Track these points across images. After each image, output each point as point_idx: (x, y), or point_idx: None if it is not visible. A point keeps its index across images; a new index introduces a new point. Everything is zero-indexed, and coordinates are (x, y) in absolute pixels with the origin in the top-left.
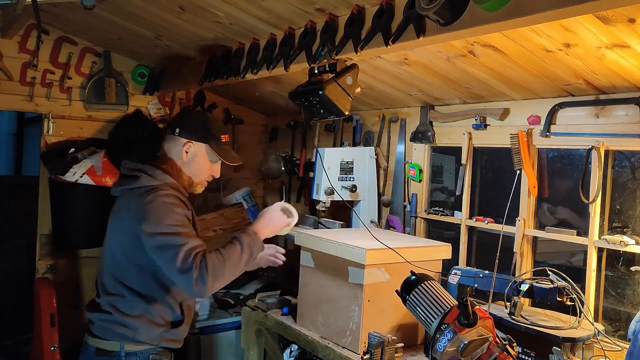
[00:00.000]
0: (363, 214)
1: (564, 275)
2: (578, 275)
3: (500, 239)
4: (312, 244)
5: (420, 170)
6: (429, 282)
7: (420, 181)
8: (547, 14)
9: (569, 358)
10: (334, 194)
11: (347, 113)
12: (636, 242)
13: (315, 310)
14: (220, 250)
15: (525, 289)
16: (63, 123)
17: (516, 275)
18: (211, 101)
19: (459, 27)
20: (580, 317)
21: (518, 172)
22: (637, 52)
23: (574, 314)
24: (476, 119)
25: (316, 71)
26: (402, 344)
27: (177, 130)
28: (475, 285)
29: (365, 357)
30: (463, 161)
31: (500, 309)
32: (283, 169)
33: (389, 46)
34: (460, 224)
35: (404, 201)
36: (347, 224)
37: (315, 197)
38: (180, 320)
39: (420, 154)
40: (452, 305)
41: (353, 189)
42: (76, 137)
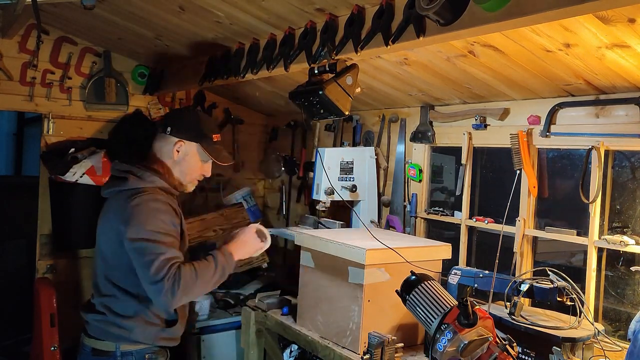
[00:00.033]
0: (363, 214)
1: (564, 275)
2: (578, 275)
3: (500, 239)
4: (312, 244)
5: (420, 170)
6: (429, 282)
7: (420, 181)
8: (547, 14)
9: (569, 358)
10: (334, 194)
11: (347, 113)
12: (636, 242)
13: (315, 310)
14: (194, 266)
15: (525, 289)
16: (63, 123)
17: (516, 275)
18: (211, 101)
19: (459, 27)
20: (580, 317)
21: (518, 172)
22: (637, 52)
23: (574, 314)
24: (476, 119)
25: (316, 71)
26: (402, 344)
27: (169, 129)
28: (475, 285)
29: (365, 357)
30: (463, 161)
31: (500, 309)
32: (283, 169)
33: (389, 46)
34: (460, 224)
35: (404, 201)
36: (347, 224)
37: (315, 197)
38: (174, 319)
39: (420, 154)
40: (452, 305)
41: (353, 189)
42: (76, 137)
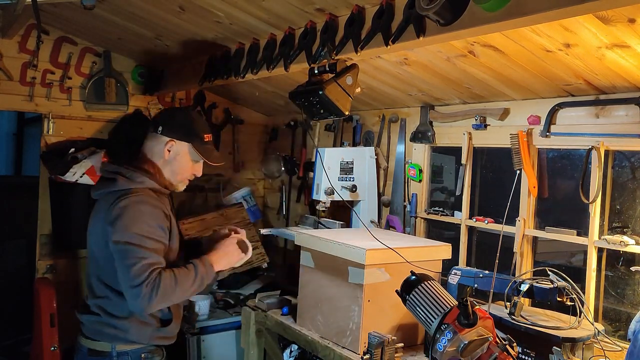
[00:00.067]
0: (363, 214)
1: (564, 275)
2: (578, 275)
3: (500, 239)
4: (312, 244)
5: (420, 170)
6: (429, 282)
7: (420, 181)
8: (547, 14)
9: (569, 358)
10: (334, 194)
11: (347, 113)
12: (636, 242)
13: (315, 310)
14: (175, 273)
15: (525, 289)
16: (63, 123)
17: (516, 275)
18: (211, 101)
19: (459, 27)
20: (580, 317)
21: (518, 172)
22: (637, 52)
23: (574, 314)
24: (476, 119)
25: (316, 71)
26: (402, 344)
27: (160, 128)
28: (475, 285)
29: (365, 357)
30: (463, 161)
31: (500, 309)
32: (283, 169)
33: (389, 46)
34: (460, 224)
35: (404, 201)
36: (347, 224)
37: (315, 197)
38: (169, 318)
39: (420, 154)
40: (452, 305)
41: (353, 189)
42: (76, 137)
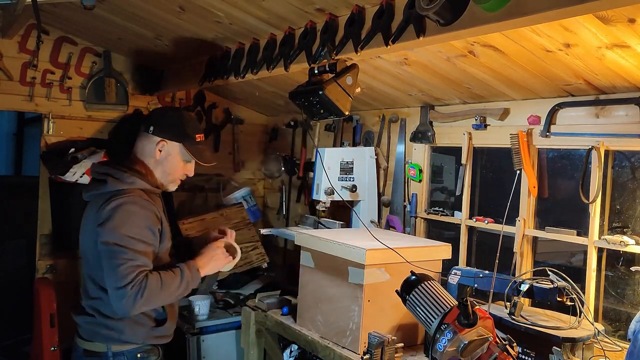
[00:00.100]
0: (363, 214)
1: (564, 275)
2: (578, 275)
3: (500, 239)
4: (312, 244)
5: (420, 170)
6: (429, 282)
7: (420, 181)
8: (547, 14)
9: (569, 358)
10: (334, 194)
11: (347, 113)
12: (636, 242)
13: (315, 310)
14: (161, 277)
15: (525, 289)
16: (63, 123)
17: (516, 275)
18: (211, 101)
19: (459, 27)
20: (580, 317)
21: (518, 172)
22: (637, 52)
23: (574, 314)
24: (476, 119)
25: (316, 71)
26: (402, 344)
27: (151, 128)
28: (475, 285)
29: (365, 357)
30: (463, 161)
31: (500, 309)
32: (283, 169)
33: (389, 46)
34: (460, 224)
35: (404, 201)
36: (347, 224)
37: (315, 197)
38: (164, 318)
39: (420, 154)
40: (452, 305)
41: (353, 189)
42: (76, 137)
